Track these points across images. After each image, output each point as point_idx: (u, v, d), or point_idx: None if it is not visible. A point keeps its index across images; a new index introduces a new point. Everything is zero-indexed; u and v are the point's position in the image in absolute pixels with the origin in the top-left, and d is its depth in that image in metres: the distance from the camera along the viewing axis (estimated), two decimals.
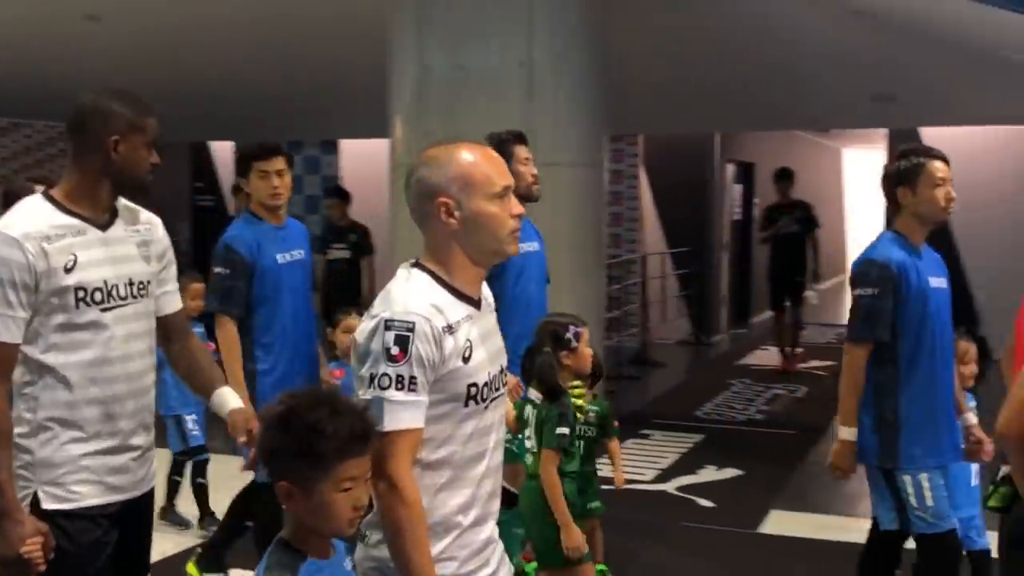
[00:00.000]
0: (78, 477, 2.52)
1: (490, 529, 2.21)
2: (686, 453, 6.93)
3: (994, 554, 3.49)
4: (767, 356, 10.68)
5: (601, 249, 7.06)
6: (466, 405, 2.06)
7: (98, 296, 2.51)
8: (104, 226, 2.58)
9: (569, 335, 3.62)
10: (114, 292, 2.55)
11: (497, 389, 2.14)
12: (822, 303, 15.56)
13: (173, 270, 2.82)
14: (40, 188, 2.66)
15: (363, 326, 2.04)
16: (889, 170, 3.54)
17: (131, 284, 2.59)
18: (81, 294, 2.48)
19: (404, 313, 1.98)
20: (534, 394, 3.64)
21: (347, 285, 8.21)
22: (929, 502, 3.37)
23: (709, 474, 6.41)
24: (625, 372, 9.91)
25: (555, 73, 6.82)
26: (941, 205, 3.46)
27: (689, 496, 5.96)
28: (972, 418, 3.70)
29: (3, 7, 7.69)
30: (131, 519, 2.66)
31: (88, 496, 2.54)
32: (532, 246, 4.11)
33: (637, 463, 6.59)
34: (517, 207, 2.09)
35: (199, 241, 13.18)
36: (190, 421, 5.20)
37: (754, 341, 12.09)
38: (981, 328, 10.70)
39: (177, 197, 13.60)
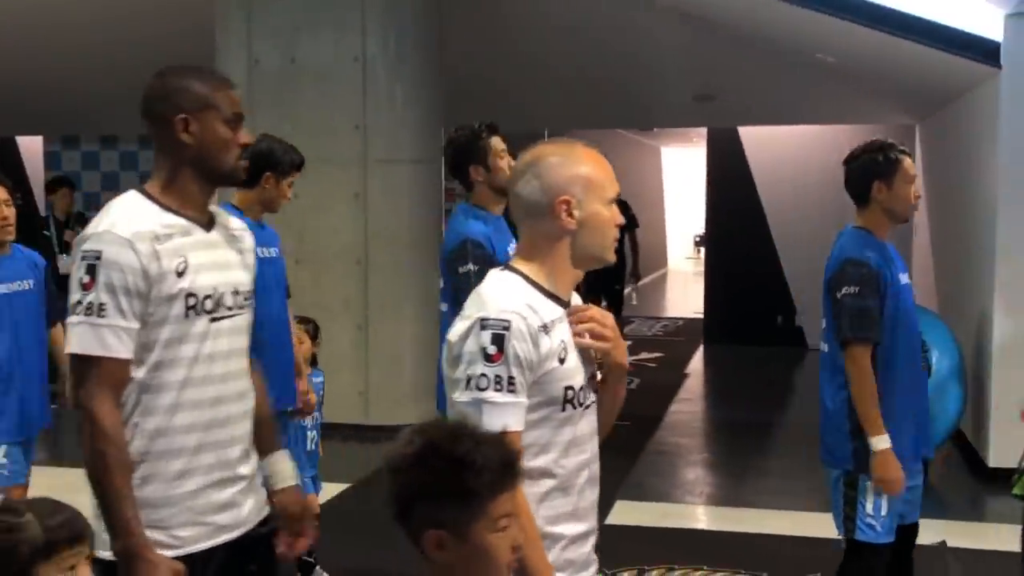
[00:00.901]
0: (182, 519, 2.18)
1: (591, 544, 2.14)
2: None
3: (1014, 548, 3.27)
4: None
5: (439, 245, 7.01)
6: (563, 409, 1.99)
7: (208, 304, 2.22)
8: (207, 227, 2.29)
9: None
10: (222, 301, 2.26)
11: (588, 397, 2.09)
12: (645, 297, 16.10)
13: None
14: None
15: (456, 328, 1.98)
16: (863, 163, 3.35)
17: (236, 293, 2.31)
18: (192, 301, 2.18)
19: (499, 312, 1.94)
20: None
21: None
22: (883, 512, 3.26)
23: None
24: None
25: (390, 69, 6.74)
26: (911, 203, 3.37)
27: None
28: None
29: None
30: (237, 564, 2.30)
31: (192, 541, 2.20)
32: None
33: None
34: (619, 216, 2.08)
35: None
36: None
37: None
38: (797, 319, 11.28)
39: None
